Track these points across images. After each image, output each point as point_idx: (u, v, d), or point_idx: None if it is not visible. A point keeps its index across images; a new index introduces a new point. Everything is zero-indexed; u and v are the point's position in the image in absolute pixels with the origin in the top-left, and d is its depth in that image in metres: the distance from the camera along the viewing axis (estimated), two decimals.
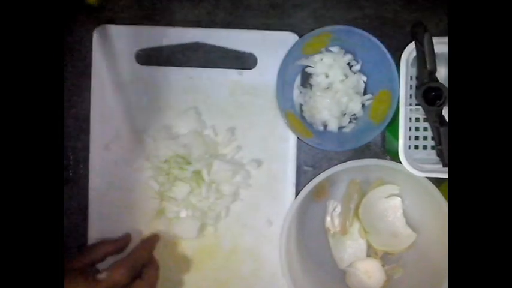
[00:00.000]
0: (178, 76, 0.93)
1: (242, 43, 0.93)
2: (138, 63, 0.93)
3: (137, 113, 0.93)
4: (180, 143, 0.91)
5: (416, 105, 0.81)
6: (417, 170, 0.81)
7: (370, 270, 0.92)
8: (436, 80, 0.79)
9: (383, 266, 0.93)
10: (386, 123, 0.84)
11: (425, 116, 0.81)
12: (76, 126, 0.95)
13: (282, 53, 0.89)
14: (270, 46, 0.93)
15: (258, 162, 0.93)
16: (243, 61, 0.94)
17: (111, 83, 0.93)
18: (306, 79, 0.93)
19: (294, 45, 0.88)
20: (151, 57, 0.94)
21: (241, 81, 0.93)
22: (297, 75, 0.93)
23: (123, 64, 0.93)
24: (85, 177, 0.94)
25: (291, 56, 0.88)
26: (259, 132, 0.93)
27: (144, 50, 0.94)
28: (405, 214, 0.93)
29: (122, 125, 0.93)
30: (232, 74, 0.93)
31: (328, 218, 0.93)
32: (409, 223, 0.93)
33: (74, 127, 0.95)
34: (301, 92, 0.93)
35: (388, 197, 0.92)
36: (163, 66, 0.94)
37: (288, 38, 0.92)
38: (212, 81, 0.93)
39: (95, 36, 0.93)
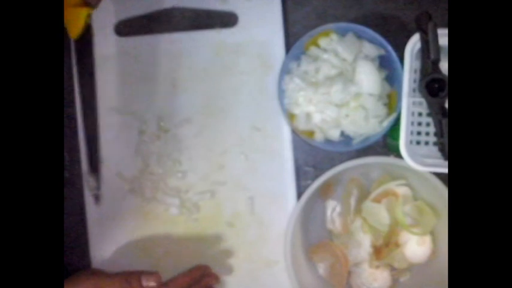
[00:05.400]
0: (160, 43, 0.93)
1: (222, 2, 0.93)
2: (118, 35, 0.93)
3: (124, 88, 0.93)
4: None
5: (419, 98, 0.80)
6: (419, 164, 0.79)
7: (375, 271, 0.90)
8: (440, 71, 0.77)
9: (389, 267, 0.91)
10: (392, 122, 0.84)
11: (427, 111, 0.81)
12: (70, 126, 0.94)
13: (263, 6, 0.92)
14: (250, 1, 0.92)
15: (255, 128, 0.93)
16: (224, 20, 0.93)
17: (93, 61, 0.93)
18: None
19: (296, 44, 0.87)
20: (130, 27, 0.94)
21: (224, 40, 0.93)
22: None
23: (103, 39, 0.93)
24: (81, 177, 0.94)
25: (293, 55, 0.87)
26: (248, 91, 0.93)
27: (122, 22, 0.93)
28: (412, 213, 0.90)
29: (109, 102, 0.93)
30: (214, 34, 0.93)
31: (328, 219, 0.92)
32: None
33: (68, 127, 0.94)
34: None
35: (397, 185, 0.90)
36: (144, 35, 0.93)
37: None
38: (195, 44, 0.93)
39: None
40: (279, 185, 0.92)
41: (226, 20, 0.93)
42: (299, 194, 0.90)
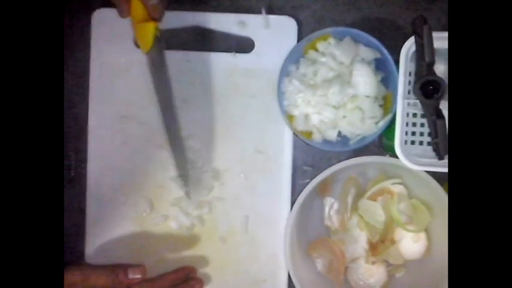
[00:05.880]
0: (176, 59, 0.93)
1: (240, 27, 0.93)
2: (136, 46, 0.93)
3: (137, 98, 0.94)
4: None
5: (414, 100, 0.81)
6: (413, 163, 0.81)
7: (371, 267, 0.91)
8: (434, 74, 0.79)
9: (385, 263, 0.93)
10: (388, 123, 0.85)
11: (422, 112, 0.82)
12: (77, 127, 0.95)
13: (279, 37, 0.92)
14: (267, 30, 0.93)
15: (258, 150, 0.94)
16: (241, 45, 0.94)
17: (109, 69, 0.94)
18: None
19: (294, 48, 0.89)
20: None
21: (238, 64, 0.94)
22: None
23: (122, 48, 0.93)
24: (86, 177, 0.94)
25: (291, 58, 0.89)
26: (255, 115, 0.94)
27: None
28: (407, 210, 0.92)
29: (122, 110, 0.94)
30: (229, 57, 0.94)
31: (326, 216, 0.94)
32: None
33: (75, 127, 0.95)
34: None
35: (393, 184, 0.92)
36: None
37: (286, 23, 0.93)
38: (209, 64, 0.94)
39: (93, 21, 0.93)
40: (275, 208, 0.93)
41: (243, 45, 0.94)
42: (297, 193, 0.91)
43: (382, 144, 0.93)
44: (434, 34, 0.78)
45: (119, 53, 0.94)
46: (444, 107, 0.78)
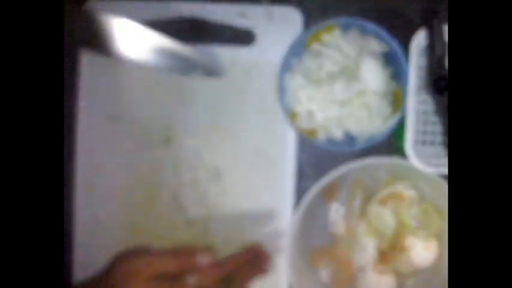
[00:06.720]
0: None
1: (240, 18, 0.91)
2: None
3: (128, 96, 0.92)
4: None
5: (425, 96, 0.81)
6: (425, 164, 0.79)
7: (380, 276, 0.89)
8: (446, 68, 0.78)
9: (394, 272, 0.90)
10: (398, 121, 0.83)
11: (434, 109, 0.81)
12: (65, 127, 0.92)
13: (283, 29, 0.89)
14: (270, 22, 0.91)
15: (258, 153, 0.91)
16: (241, 37, 0.92)
17: (99, 65, 0.92)
18: None
19: (295, 40, 0.86)
20: None
21: (238, 58, 0.91)
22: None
23: None
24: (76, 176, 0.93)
25: (293, 52, 0.86)
26: (256, 114, 0.92)
27: None
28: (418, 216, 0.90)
29: (112, 109, 0.92)
30: (228, 52, 0.91)
31: (331, 222, 0.91)
32: None
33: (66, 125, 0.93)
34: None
35: (403, 187, 0.89)
36: None
37: (290, 14, 0.91)
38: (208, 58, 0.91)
39: None
40: (276, 215, 0.91)
41: (243, 37, 0.92)
42: (300, 196, 0.89)
43: (392, 143, 0.90)
44: (446, 27, 0.77)
45: None
46: None
